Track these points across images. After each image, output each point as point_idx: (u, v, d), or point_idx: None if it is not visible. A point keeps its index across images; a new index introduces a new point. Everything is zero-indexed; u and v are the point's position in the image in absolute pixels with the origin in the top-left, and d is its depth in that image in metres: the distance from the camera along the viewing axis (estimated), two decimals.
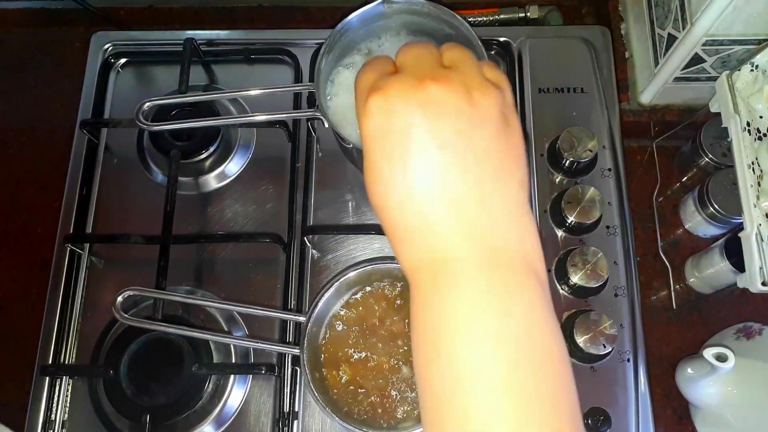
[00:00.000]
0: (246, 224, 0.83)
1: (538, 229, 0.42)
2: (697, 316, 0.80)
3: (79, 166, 0.85)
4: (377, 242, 0.80)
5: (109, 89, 0.90)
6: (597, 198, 0.75)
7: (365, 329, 0.68)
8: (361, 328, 0.68)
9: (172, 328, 0.65)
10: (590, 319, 0.71)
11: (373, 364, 0.67)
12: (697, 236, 0.82)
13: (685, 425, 0.75)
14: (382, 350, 0.67)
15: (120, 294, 0.62)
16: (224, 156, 0.85)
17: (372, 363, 0.67)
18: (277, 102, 0.86)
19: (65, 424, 0.75)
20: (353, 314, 0.69)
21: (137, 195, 0.85)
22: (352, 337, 0.68)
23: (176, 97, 0.78)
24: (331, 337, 0.68)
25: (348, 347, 0.68)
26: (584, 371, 0.72)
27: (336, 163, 0.84)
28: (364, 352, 0.67)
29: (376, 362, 0.67)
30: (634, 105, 0.86)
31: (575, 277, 0.73)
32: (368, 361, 0.67)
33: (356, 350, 0.67)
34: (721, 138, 0.78)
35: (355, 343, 0.68)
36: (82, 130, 0.85)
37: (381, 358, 0.67)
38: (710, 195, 0.76)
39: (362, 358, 0.67)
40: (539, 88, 0.83)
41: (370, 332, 0.68)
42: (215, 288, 0.80)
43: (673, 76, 0.78)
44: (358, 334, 0.68)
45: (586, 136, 0.77)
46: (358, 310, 0.69)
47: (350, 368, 0.67)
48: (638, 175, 0.86)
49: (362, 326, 0.68)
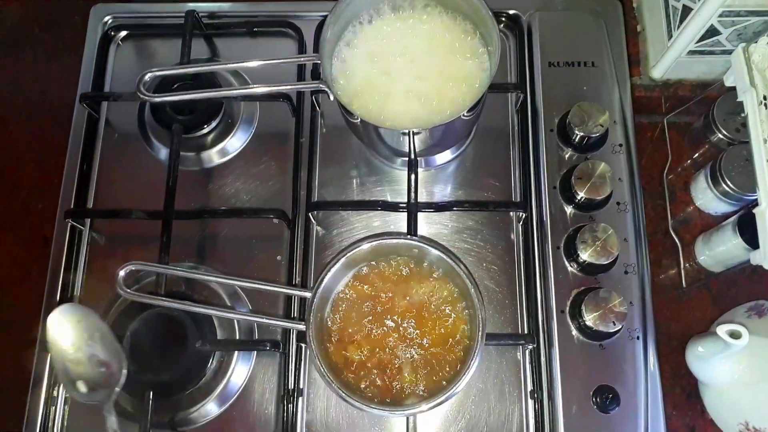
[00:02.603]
0: (249, 200, 0.81)
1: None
2: (707, 294, 0.79)
3: (79, 141, 0.83)
4: (383, 218, 0.79)
5: (109, 63, 0.88)
6: (608, 174, 0.73)
7: (372, 305, 0.67)
8: (368, 305, 0.67)
9: (175, 303, 0.63)
10: (600, 297, 0.70)
11: (380, 340, 0.66)
12: (708, 214, 0.81)
13: (694, 403, 0.75)
14: (389, 327, 0.66)
15: (122, 268, 0.61)
16: (227, 131, 0.83)
17: (379, 339, 0.66)
18: (280, 76, 0.84)
19: (67, 400, 0.74)
20: (360, 290, 0.68)
21: (139, 170, 0.83)
22: (359, 313, 0.67)
23: (178, 67, 0.77)
24: (337, 313, 0.67)
25: (354, 323, 0.67)
26: (593, 349, 0.71)
27: (341, 138, 0.82)
28: (371, 329, 0.66)
29: (383, 339, 0.66)
30: (646, 80, 0.84)
31: (585, 254, 0.71)
32: (375, 337, 0.66)
33: (363, 326, 0.66)
34: (735, 113, 0.76)
35: (361, 319, 0.67)
36: (81, 103, 0.83)
37: (388, 335, 0.66)
38: (723, 171, 0.74)
39: (369, 335, 0.66)
40: (549, 61, 0.81)
41: (377, 309, 0.67)
42: (218, 265, 0.79)
43: (687, 49, 0.76)
44: (365, 311, 0.67)
45: (596, 110, 0.76)
46: (365, 286, 0.68)
47: (357, 344, 0.66)
48: (648, 151, 0.84)
49: (369, 302, 0.67)
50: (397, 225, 0.79)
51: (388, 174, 0.82)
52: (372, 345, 0.66)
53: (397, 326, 0.67)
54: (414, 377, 0.65)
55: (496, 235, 0.78)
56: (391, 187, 0.81)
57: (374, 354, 0.66)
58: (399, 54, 0.71)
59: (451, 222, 0.79)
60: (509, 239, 0.78)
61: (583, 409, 0.69)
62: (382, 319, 0.67)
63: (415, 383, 0.65)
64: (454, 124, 0.68)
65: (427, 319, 0.66)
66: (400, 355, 0.66)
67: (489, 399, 0.73)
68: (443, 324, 0.66)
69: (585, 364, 0.71)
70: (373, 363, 0.65)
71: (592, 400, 0.69)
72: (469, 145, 0.83)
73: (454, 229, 0.79)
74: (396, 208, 0.77)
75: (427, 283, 0.68)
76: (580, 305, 0.71)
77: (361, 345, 0.66)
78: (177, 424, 0.72)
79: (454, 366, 0.65)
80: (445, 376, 0.64)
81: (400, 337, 0.66)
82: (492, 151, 0.82)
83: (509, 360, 0.74)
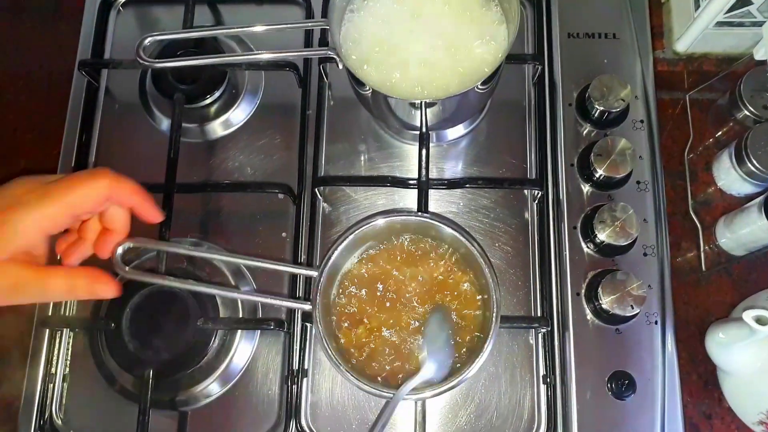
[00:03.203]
0: (253, 174, 0.78)
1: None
2: (727, 279, 0.76)
3: (78, 111, 0.81)
4: (392, 195, 0.76)
5: (109, 30, 0.85)
6: (628, 151, 0.70)
7: (381, 285, 0.64)
8: (377, 285, 0.65)
9: (176, 282, 0.61)
10: (617, 279, 0.68)
11: (389, 321, 0.63)
12: (731, 195, 0.78)
13: (711, 391, 0.72)
14: (398, 308, 0.64)
15: (120, 245, 0.58)
16: (231, 102, 0.80)
17: (387, 321, 0.63)
18: (287, 44, 0.81)
19: (66, 378, 0.72)
20: (369, 269, 0.65)
21: (139, 141, 0.81)
22: (368, 293, 0.64)
23: (179, 32, 0.74)
24: (345, 293, 0.65)
25: (363, 304, 0.64)
26: (609, 333, 0.69)
27: (349, 111, 0.79)
28: (380, 310, 0.64)
29: (391, 320, 0.63)
30: (669, 53, 0.81)
31: (602, 235, 0.69)
32: (383, 318, 0.63)
33: (371, 307, 0.64)
34: (764, 89, 0.73)
35: (369, 299, 0.64)
36: (80, 71, 0.80)
37: (397, 316, 0.63)
38: (749, 150, 0.71)
39: (377, 315, 0.63)
40: (568, 32, 0.78)
41: (386, 289, 0.64)
42: (221, 241, 0.76)
43: (715, 20, 0.73)
44: (374, 291, 0.64)
45: (618, 84, 0.72)
46: (373, 265, 0.65)
47: (365, 326, 0.63)
48: (669, 129, 0.81)
49: (378, 282, 0.65)
50: (407, 202, 0.76)
51: (398, 149, 0.79)
52: (381, 326, 0.63)
53: (407, 307, 0.64)
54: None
55: (509, 214, 0.75)
56: (401, 163, 0.78)
57: (383, 336, 0.63)
58: (412, 20, 0.68)
59: (463, 200, 0.76)
60: (524, 218, 0.75)
61: (597, 395, 0.67)
62: (392, 299, 0.64)
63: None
64: (468, 96, 0.65)
65: (439, 300, 0.63)
66: (411, 337, 0.63)
67: (500, 383, 0.71)
68: (455, 305, 0.64)
69: (600, 348, 0.68)
70: (382, 345, 0.62)
71: (607, 386, 0.67)
72: (483, 119, 0.79)
73: (467, 208, 0.76)
74: (406, 185, 0.74)
75: (438, 262, 0.65)
76: (597, 288, 0.68)
77: (370, 326, 0.63)
78: (178, 403, 0.71)
79: (467, 349, 0.63)
80: (457, 360, 0.62)
81: (411, 317, 0.63)
82: (507, 126, 0.79)
83: (521, 343, 0.72)
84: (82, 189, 0.51)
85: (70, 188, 0.51)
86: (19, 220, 0.50)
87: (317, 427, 0.70)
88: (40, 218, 0.50)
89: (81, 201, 0.52)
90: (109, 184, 0.52)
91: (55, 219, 0.51)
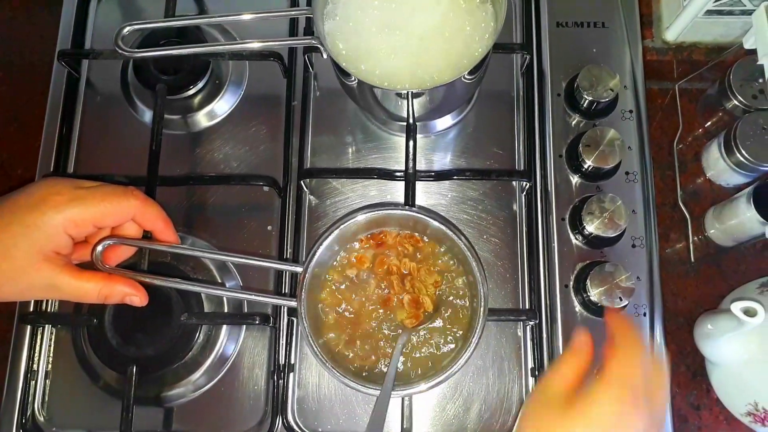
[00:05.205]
0: (238, 167, 0.77)
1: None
2: (716, 270, 0.76)
3: (58, 103, 0.79)
4: (379, 187, 0.75)
5: (90, 19, 0.83)
6: (617, 141, 0.70)
7: (368, 280, 0.64)
8: (364, 279, 0.64)
9: (158, 280, 0.59)
10: (606, 271, 0.67)
11: (376, 317, 0.62)
12: (720, 185, 0.77)
13: (699, 382, 0.72)
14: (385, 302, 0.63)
15: (100, 243, 0.57)
16: (214, 93, 0.79)
17: (374, 317, 0.62)
18: (271, 34, 0.79)
19: (48, 374, 0.71)
20: (355, 264, 0.64)
21: (121, 133, 0.79)
22: (354, 288, 0.63)
23: (159, 21, 0.72)
24: (331, 289, 0.64)
25: (349, 299, 0.63)
26: (597, 325, 0.68)
27: (335, 102, 0.78)
28: (367, 304, 0.63)
29: (378, 316, 0.62)
30: (658, 42, 0.80)
31: (591, 226, 0.68)
32: (370, 314, 0.63)
33: (358, 302, 0.63)
34: (753, 78, 0.73)
35: (356, 294, 0.63)
36: (60, 62, 0.78)
37: (384, 312, 0.63)
38: (738, 140, 0.71)
39: (365, 310, 0.63)
40: (557, 21, 0.77)
41: (373, 283, 0.63)
42: (206, 235, 0.75)
43: (705, 8, 0.72)
44: (360, 286, 0.64)
45: (606, 74, 0.72)
46: (360, 260, 0.64)
47: (352, 321, 0.62)
48: (658, 119, 0.80)
49: (364, 277, 0.64)
50: (394, 195, 0.75)
51: (385, 140, 0.78)
52: (368, 322, 0.63)
53: (393, 301, 0.63)
54: (412, 355, 0.62)
55: (498, 206, 0.75)
56: (389, 155, 0.77)
57: (370, 332, 0.62)
58: (397, 8, 0.66)
59: (451, 192, 0.75)
60: (512, 210, 0.74)
61: None
62: (379, 294, 0.63)
63: (411, 363, 0.62)
64: (455, 86, 0.64)
65: (426, 294, 0.63)
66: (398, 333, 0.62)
67: (488, 376, 0.70)
68: (443, 299, 0.63)
69: (589, 341, 0.68)
70: (369, 340, 0.62)
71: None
72: (471, 110, 0.78)
73: (454, 200, 0.75)
74: (393, 177, 0.73)
75: (426, 256, 0.64)
76: (585, 280, 0.68)
77: (357, 321, 0.62)
78: (163, 399, 0.70)
79: (454, 343, 0.62)
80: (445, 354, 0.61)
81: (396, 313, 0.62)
82: (495, 116, 0.78)
83: (509, 336, 0.71)
84: (113, 204, 0.54)
85: (102, 200, 0.53)
86: (48, 222, 0.51)
87: (304, 422, 0.69)
88: (66, 221, 0.52)
89: (109, 214, 0.54)
90: (139, 206, 0.55)
91: (81, 225, 0.53)
